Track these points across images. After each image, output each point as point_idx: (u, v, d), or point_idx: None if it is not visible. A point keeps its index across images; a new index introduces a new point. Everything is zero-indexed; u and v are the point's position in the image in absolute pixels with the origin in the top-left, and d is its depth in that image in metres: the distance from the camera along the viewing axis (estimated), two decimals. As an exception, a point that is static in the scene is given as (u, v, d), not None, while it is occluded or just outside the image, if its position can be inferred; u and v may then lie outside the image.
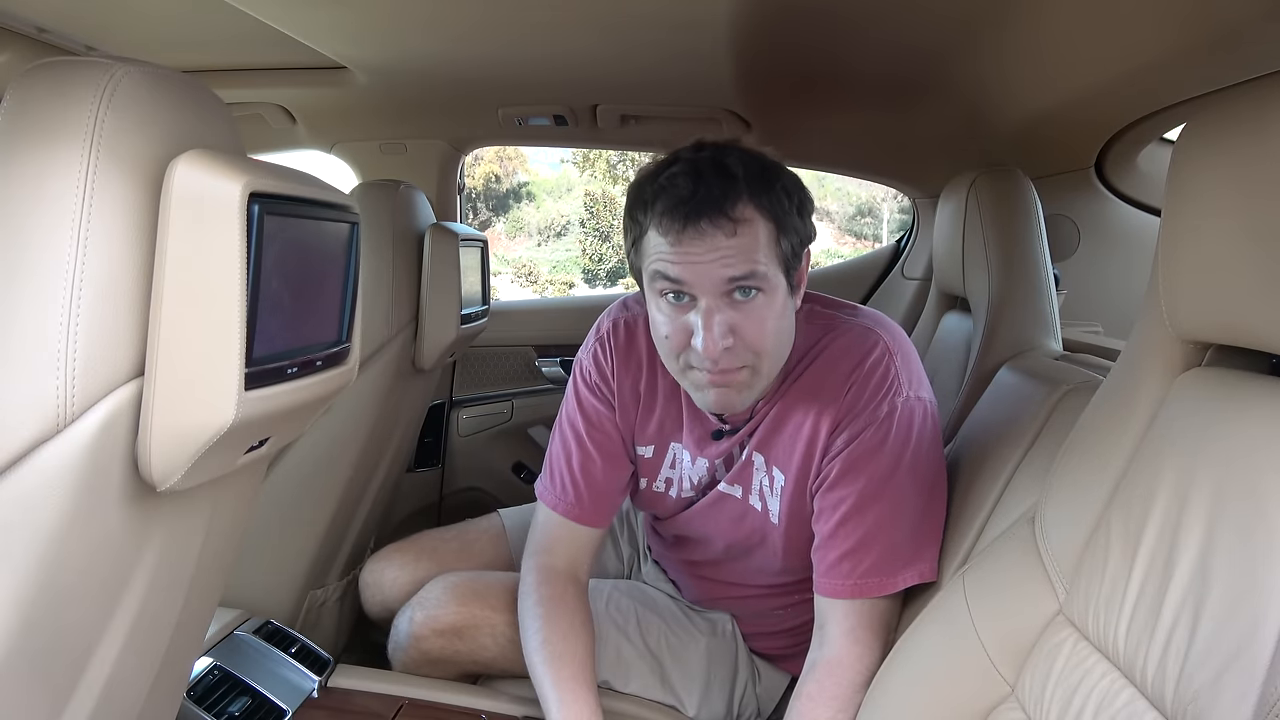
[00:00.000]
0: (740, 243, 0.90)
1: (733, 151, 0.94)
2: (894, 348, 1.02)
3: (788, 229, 0.93)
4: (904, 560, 0.97)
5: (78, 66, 0.54)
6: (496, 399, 2.14)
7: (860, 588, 0.97)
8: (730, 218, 0.89)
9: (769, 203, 0.92)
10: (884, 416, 0.98)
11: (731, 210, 0.89)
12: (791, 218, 0.94)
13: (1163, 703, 0.55)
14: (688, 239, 0.90)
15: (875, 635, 0.98)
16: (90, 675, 0.62)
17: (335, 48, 1.32)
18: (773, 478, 1.07)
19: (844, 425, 0.99)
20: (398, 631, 1.25)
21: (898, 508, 0.97)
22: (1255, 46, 0.93)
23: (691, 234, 0.89)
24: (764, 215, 0.92)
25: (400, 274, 1.50)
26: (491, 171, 14.34)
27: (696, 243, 0.89)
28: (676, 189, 0.90)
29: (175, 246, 0.54)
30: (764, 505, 1.08)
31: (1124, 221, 1.66)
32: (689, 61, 1.29)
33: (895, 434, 0.97)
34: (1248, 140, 0.55)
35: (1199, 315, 0.61)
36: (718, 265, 0.89)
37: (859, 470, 0.98)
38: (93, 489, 0.54)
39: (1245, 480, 0.53)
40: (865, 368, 1.00)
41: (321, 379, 0.67)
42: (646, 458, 1.17)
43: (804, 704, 0.97)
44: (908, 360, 1.02)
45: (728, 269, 0.89)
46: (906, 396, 0.99)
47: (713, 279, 0.90)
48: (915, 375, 1.02)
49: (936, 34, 1.12)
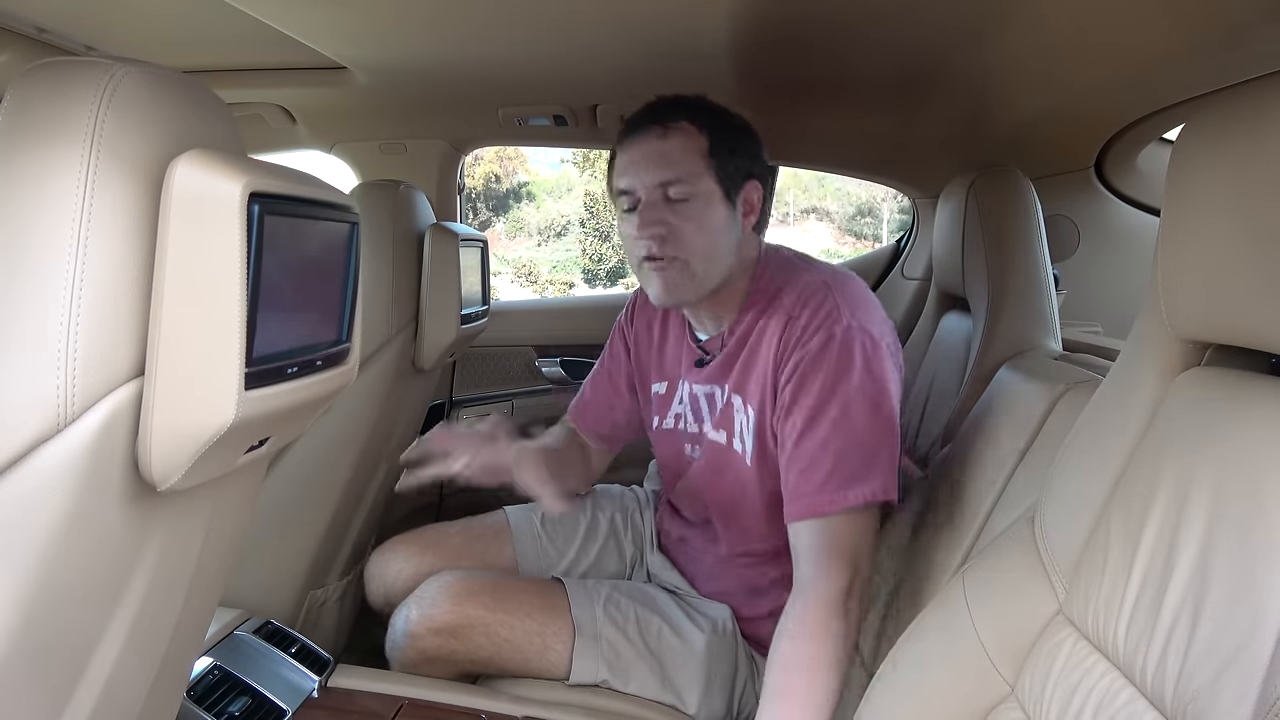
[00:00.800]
0: (670, 146, 1.07)
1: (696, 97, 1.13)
2: (834, 284, 1.11)
3: (722, 147, 1.08)
4: (853, 476, 1.01)
5: (78, 66, 0.54)
6: (496, 399, 2.14)
7: (815, 505, 1.02)
8: (662, 124, 1.08)
9: (705, 119, 1.09)
10: (823, 342, 1.06)
11: (666, 119, 1.09)
12: (730, 139, 1.09)
13: (1162, 702, 0.55)
14: (631, 146, 1.10)
15: (840, 560, 1.01)
16: (90, 675, 0.62)
17: (335, 48, 1.32)
18: (748, 415, 1.14)
19: (787, 355, 1.08)
20: (394, 630, 1.25)
21: (841, 425, 1.03)
22: (1255, 46, 0.93)
23: (635, 139, 1.10)
24: (698, 128, 1.08)
25: (400, 274, 1.50)
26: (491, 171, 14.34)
27: (635, 148, 1.09)
28: (635, 115, 1.13)
29: (175, 246, 0.54)
30: (743, 447, 1.16)
31: (1124, 221, 1.66)
32: (689, 62, 1.29)
33: (836, 357, 1.04)
34: (1247, 140, 0.55)
35: (1198, 315, 0.61)
36: (650, 166, 1.08)
37: (803, 394, 1.05)
38: (93, 489, 0.54)
39: (1245, 480, 0.53)
40: (801, 300, 1.10)
41: (321, 379, 0.67)
42: (661, 394, 1.31)
43: (784, 643, 0.99)
44: (848, 295, 1.11)
45: (660, 169, 1.07)
46: (847, 325, 1.06)
47: (646, 180, 1.08)
48: (861, 310, 1.09)
49: (936, 34, 1.12)
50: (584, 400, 1.44)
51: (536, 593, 1.27)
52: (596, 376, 1.43)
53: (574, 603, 1.25)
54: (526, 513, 1.48)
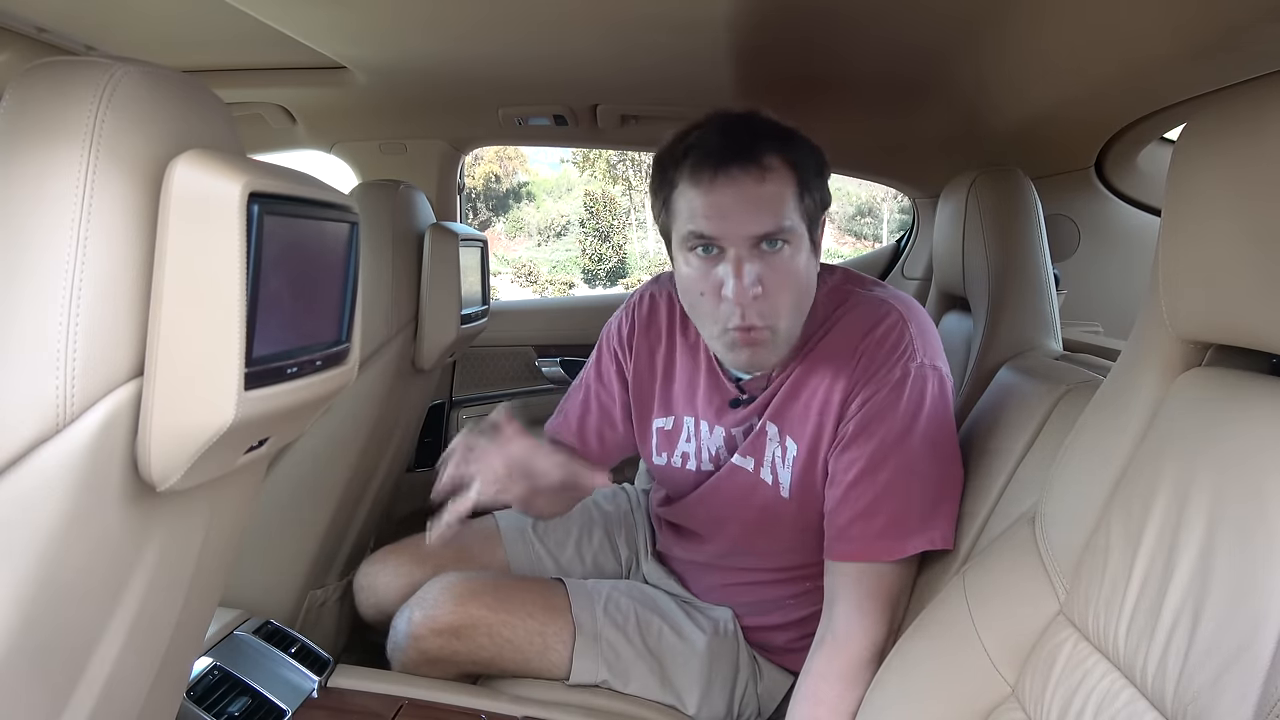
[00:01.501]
0: (769, 191, 0.93)
1: (755, 114, 0.98)
2: (909, 317, 1.03)
3: (810, 185, 0.97)
4: (915, 525, 0.96)
5: (78, 66, 0.54)
6: (496, 399, 2.14)
7: (869, 550, 0.97)
8: (760, 165, 0.92)
9: (794, 156, 0.95)
10: (897, 380, 0.98)
11: (760, 158, 0.92)
12: (813, 175, 0.97)
13: (1163, 703, 0.55)
14: (719, 186, 0.92)
15: (882, 608, 0.97)
16: (90, 675, 0.62)
17: (335, 48, 1.32)
18: (785, 448, 1.07)
19: (858, 390, 1.00)
20: (396, 631, 1.25)
21: (909, 471, 0.97)
22: (1255, 46, 0.93)
23: (723, 181, 0.92)
24: (789, 167, 0.94)
25: (400, 274, 1.50)
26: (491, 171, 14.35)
27: (727, 189, 0.92)
28: (707, 142, 0.94)
29: (175, 246, 0.54)
30: (775, 478, 1.08)
31: (1124, 221, 1.66)
32: (689, 62, 1.29)
33: (908, 397, 0.98)
34: (1247, 140, 0.55)
35: (1199, 315, 0.61)
36: (747, 215, 0.92)
37: (871, 432, 0.98)
38: (92, 489, 0.54)
39: (1245, 480, 0.53)
40: (878, 333, 1.01)
41: (321, 379, 0.67)
42: (666, 430, 1.19)
43: (812, 681, 0.97)
44: (923, 330, 1.03)
45: (758, 217, 0.92)
46: (920, 363, 1.00)
47: (743, 228, 0.92)
48: (930, 345, 1.03)
49: (937, 34, 1.12)
50: (566, 422, 1.26)
51: (538, 593, 1.27)
52: (583, 401, 1.25)
53: (575, 603, 1.24)
54: (517, 517, 1.46)
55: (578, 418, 1.25)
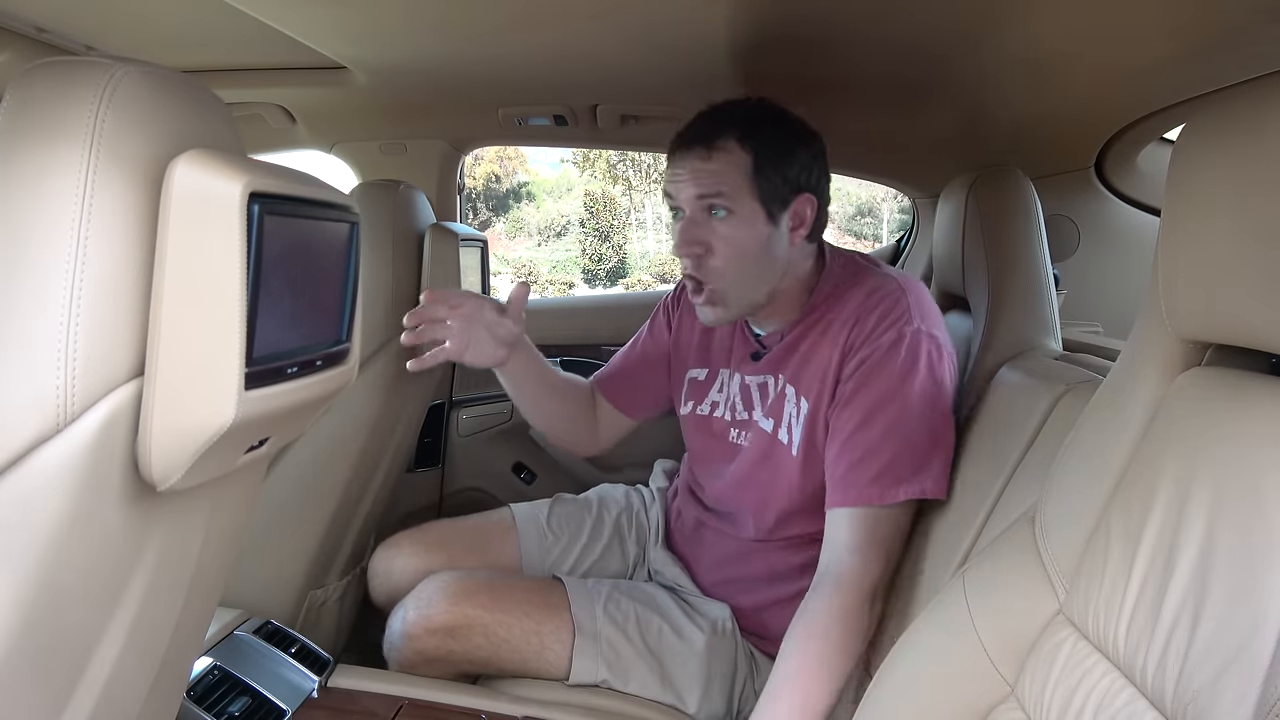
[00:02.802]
0: (713, 167, 1.10)
1: (748, 100, 1.15)
2: (907, 288, 1.14)
3: (768, 166, 1.10)
4: (906, 473, 1.04)
5: (78, 66, 0.54)
6: (496, 399, 2.13)
7: (864, 494, 1.05)
8: (707, 145, 1.10)
9: (753, 141, 1.10)
10: (892, 341, 1.08)
11: (711, 140, 1.10)
12: (777, 155, 1.10)
13: (1163, 703, 0.55)
14: (676, 161, 1.14)
15: (879, 550, 1.04)
16: (90, 675, 0.62)
17: (335, 48, 1.32)
18: (799, 407, 1.16)
19: (855, 350, 1.10)
20: (391, 631, 1.25)
21: (901, 422, 1.05)
22: (1255, 47, 0.93)
23: (679, 156, 1.13)
24: (744, 149, 1.10)
25: (400, 274, 1.50)
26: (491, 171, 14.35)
27: (681, 164, 1.13)
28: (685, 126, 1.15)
29: (175, 246, 0.54)
30: (789, 436, 1.18)
31: (1124, 221, 1.66)
32: (689, 62, 1.29)
33: (903, 356, 1.07)
34: (1247, 140, 0.55)
35: (1198, 315, 0.61)
36: (691, 183, 1.11)
37: (867, 389, 1.08)
38: (93, 489, 0.54)
39: (1245, 480, 0.53)
40: (875, 298, 1.12)
41: (321, 379, 0.67)
42: (699, 380, 1.34)
43: (811, 618, 1.01)
44: (920, 301, 1.13)
45: (698, 186, 1.11)
46: (916, 328, 1.09)
47: (687, 193, 1.12)
48: (928, 316, 1.12)
49: (937, 35, 1.12)
50: (612, 368, 1.46)
51: (535, 592, 1.27)
52: (629, 350, 1.46)
53: (574, 602, 1.25)
54: (532, 510, 1.49)
55: (620, 361, 1.46)
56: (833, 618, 1.01)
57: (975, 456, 1.07)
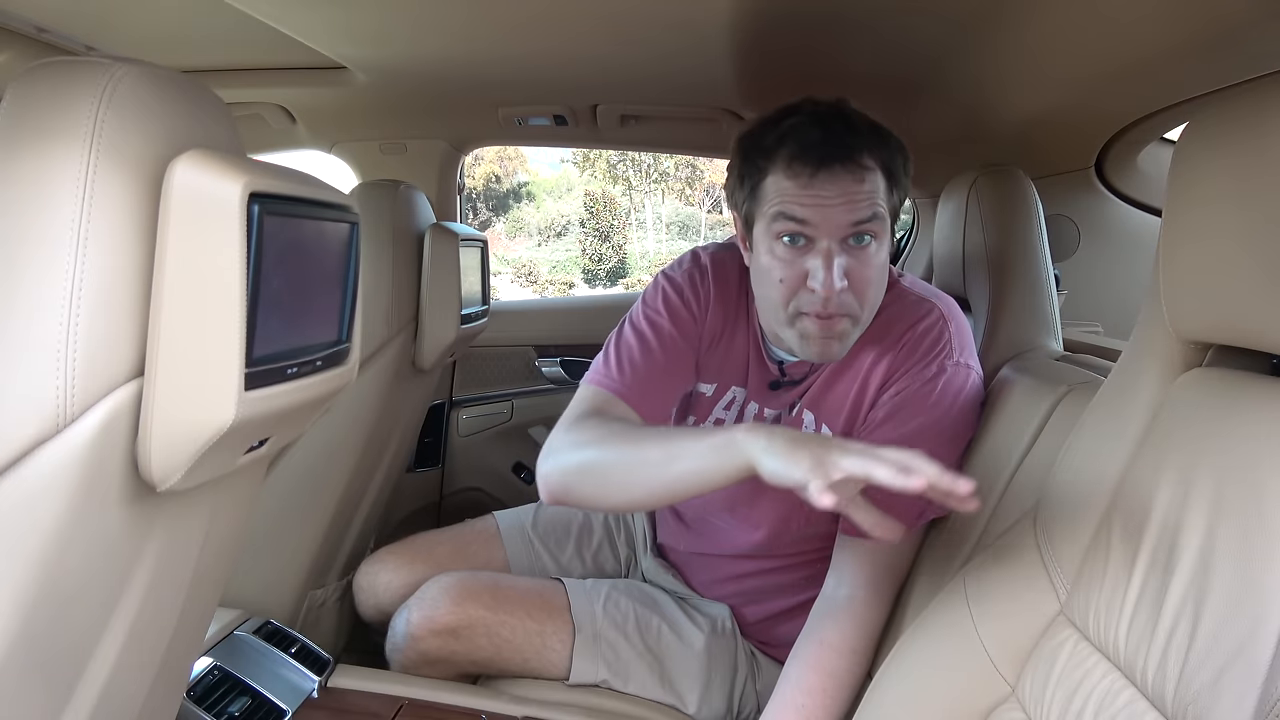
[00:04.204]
0: (865, 189, 0.96)
1: (848, 107, 1.01)
2: (949, 316, 1.09)
3: (898, 184, 1.01)
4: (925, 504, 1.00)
5: (78, 66, 0.54)
6: (496, 399, 2.14)
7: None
8: (859, 164, 0.95)
9: (886, 156, 0.98)
10: (933, 374, 1.04)
11: (860, 157, 0.96)
12: (901, 175, 1.01)
13: (1163, 703, 0.55)
14: (819, 182, 0.95)
15: (892, 585, 1.03)
16: (90, 675, 0.62)
17: (335, 48, 1.31)
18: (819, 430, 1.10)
19: (895, 379, 1.05)
20: (395, 632, 1.25)
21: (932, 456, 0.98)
22: (1255, 46, 0.93)
23: (824, 177, 0.95)
24: (881, 166, 0.98)
25: (400, 274, 1.50)
26: (491, 171, 14.35)
27: (828, 185, 0.95)
28: (805, 134, 0.96)
29: (175, 246, 0.54)
30: None
31: (1124, 221, 1.66)
32: (689, 61, 1.29)
33: (942, 391, 1.03)
34: (1248, 140, 0.55)
35: (1199, 315, 0.61)
36: (845, 208, 0.95)
37: (902, 419, 1.03)
38: (93, 489, 0.54)
39: (1246, 481, 0.53)
40: (920, 329, 1.06)
41: (321, 379, 0.67)
42: (706, 395, 1.19)
43: (825, 652, 0.98)
44: (960, 329, 1.09)
45: (854, 212, 0.95)
46: (957, 362, 1.06)
47: (839, 221, 0.95)
48: (966, 345, 1.08)
49: (937, 34, 1.12)
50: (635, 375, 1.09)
51: (537, 593, 1.27)
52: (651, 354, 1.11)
53: (574, 602, 1.24)
54: (517, 517, 1.47)
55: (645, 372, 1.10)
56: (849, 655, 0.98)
57: (976, 456, 1.07)
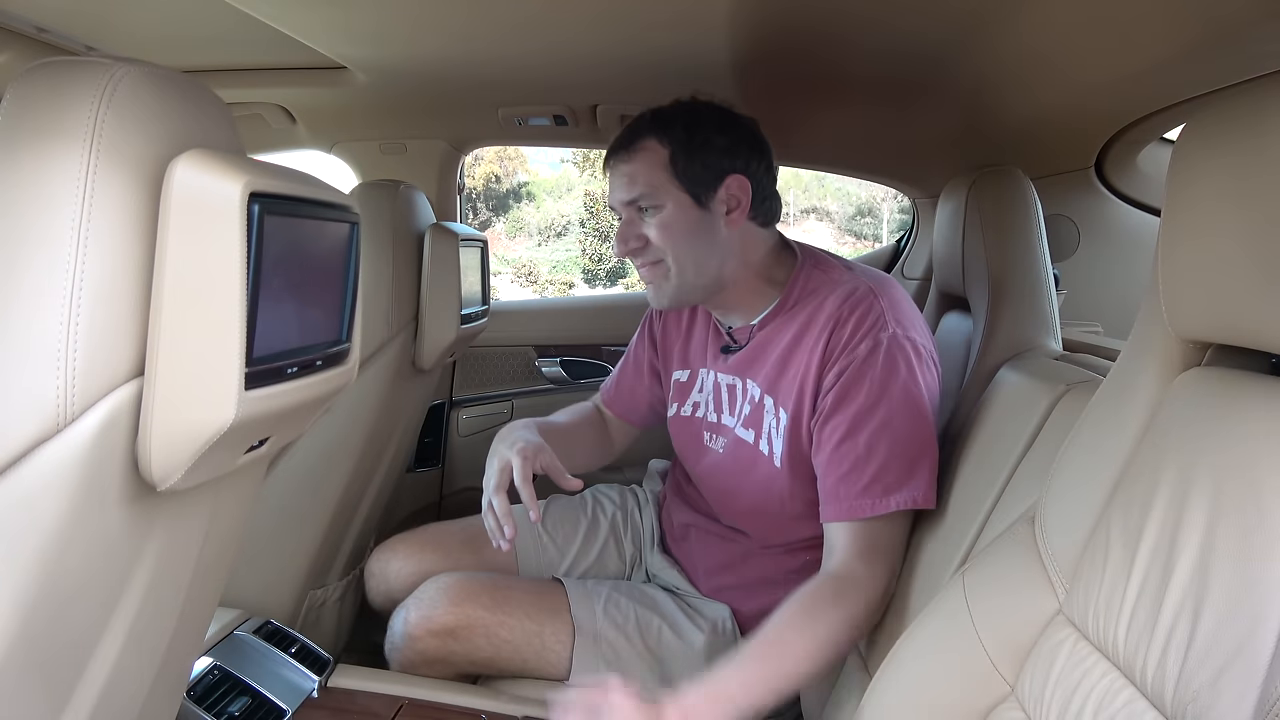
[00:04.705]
0: (633, 168, 1.13)
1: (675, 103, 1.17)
2: (879, 290, 1.13)
3: (687, 156, 1.12)
4: (895, 483, 1.04)
5: (78, 66, 0.54)
6: (496, 399, 2.14)
7: (855, 508, 1.04)
8: (627, 148, 1.15)
9: (667, 135, 1.13)
10: (868, 351, 1.07)
11: (629, 141, 1.15)
12: (694, 144, 1.12)
13: (1162, 702, 0.55)
14: (608, 170, 1.18)
15: (883, 558, 1.04)
16: (90, 675, 0.62)
17: (335, 48, 1.32)
18: (778, 419, 1.15)
19: (832, 363, 1.09)
20: (393, 631, 1.25)
21: (885, 432, 1.04)
22: (1255, 46, 0.93)
23: (609, 167, 1.18)
24: (661, 143, 1.12)
25: (400, 274, 1.50)
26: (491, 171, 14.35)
27: (611, 171, 1.18)
28: (612, 143, 1.18)
29: (175, 246, 0.54)
30: (770, 448, 1.16)
31: (1124, 221, 1.66)
32: (689, 61, 1.29)
33: (882, 365, 1.06)
34: (1247, 140, 0.55)
35: (1199, 315, 0.61)
36: (618, 189, 1.15)
37: (849, 401, 1.07)
38: (93, 489, 0.54)
39: (1245, 480, 0.53)
40: (847, 306, 1.11)
41: (321, 379, 0.67)
42: (681, 382, 1.34)
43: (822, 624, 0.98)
44: (894, 303, 1.12)
45: (622, 192, 1.15)
46: (892, 333, 1.08)
47: (617, 199, 1.16)
48: (904, 317, 1.11)
49: (936, 34, 1.12)
50: (612, 383, 1.48)
51: (535, 593, 1.27)
52: (624, 362, 1.46)
53: (574, 603, 1.24)
54: (527, 512, 1.48)
55: (618, 375, 1.47)
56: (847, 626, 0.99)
57: (975, 456, 1.07)
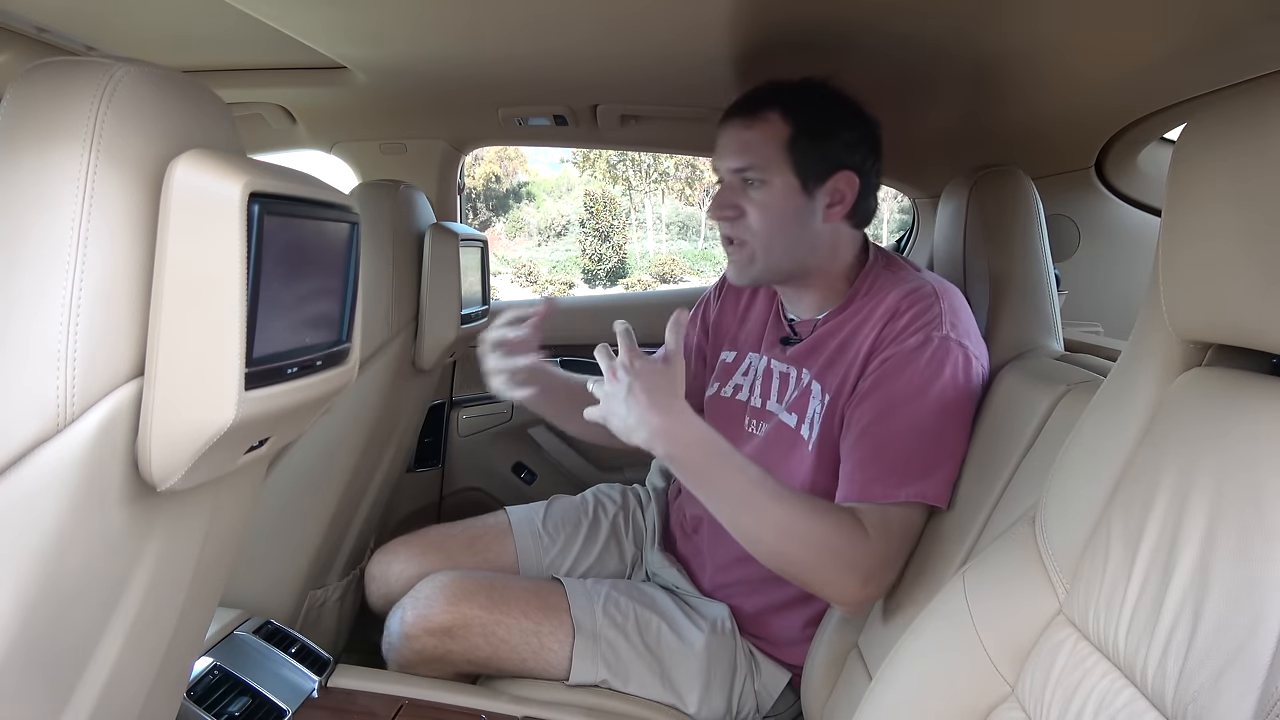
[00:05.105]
0: (750, 136, 1.11)
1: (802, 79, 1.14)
2: (942, 294, 1.12)
3: (806, 140, 1.10)
4: (912, 476, 1.02)
5: (78, 66, 0.54)
6: (496, 399, 2.14)
7: (868, 490, 1.03)
8: (749, 115, 1.12)
9: (795, 114, 1.11)
10: (918, 344, 1.06)
11: (753, 108, 1.12)
12: (818, 134, 1.11)
13: (1163, 702, 0.55)
14: (721, 131, 1.16)
15: (892, 542, 1.02)
16: (90, 675, 0.62)
17: (335, 48, 1.32)
18: (822, 402, 1.15)
19: (881, 348, 1.09)
20: (390, 630, 1.25)
21: (916, 425, 1.03)
22: (1255, 46, 0.93)
23: (724, 128, 1.16)
24: (785, 120, 1.10)
25: (400, 274, 1.50)
26: (491, 171, 14.36)
27: (723, 133, 1.15)
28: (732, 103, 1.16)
29: (175, 246, 0.54)
30: (810, 433, 1.16)
31: (1124, 221, 1.66)
32: (689, 61, 1.29)
33: (927, 362, 1.05)
34: (1247, 140, 0.55)
35: (1199, 315, 0.61)
36: (728, 155, 1.13)
37: (886, 387, 1.06)
38: (93, 489, 0.54)
39: (1246, 480, 0.53)
40: (908, 301, 1.11)
41: (321, 379, 0.67)
42: (727, 363, 1.34)
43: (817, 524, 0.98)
44: (955, 309, 1.11)
45: (732, 159, 1.13)
46: (945, 335, 1.06)
47: (725, 165, 1.14)
48: (961, 324, 1.10)
49: (937, 35, 1.12)
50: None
51: (534, 593, 1.27)
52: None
53: (573, 603, 1.25)
54: (528, 513, 1.49)
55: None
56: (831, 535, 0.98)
57: (976, 456, 1.07)
